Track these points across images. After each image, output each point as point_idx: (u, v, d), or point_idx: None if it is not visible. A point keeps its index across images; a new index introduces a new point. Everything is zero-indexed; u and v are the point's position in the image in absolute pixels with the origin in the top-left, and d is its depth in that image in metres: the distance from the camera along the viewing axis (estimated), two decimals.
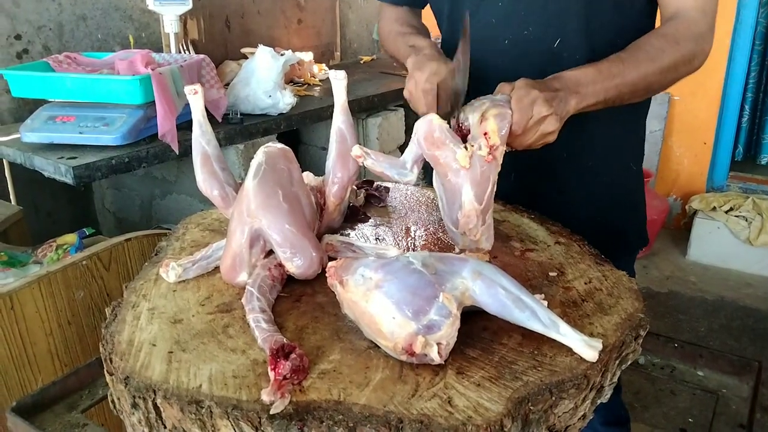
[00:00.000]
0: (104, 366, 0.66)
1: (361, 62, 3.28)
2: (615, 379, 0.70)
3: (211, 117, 1.96)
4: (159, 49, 2.26)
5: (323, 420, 0.55)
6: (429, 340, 0.57)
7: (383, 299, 0.59)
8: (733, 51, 2.88)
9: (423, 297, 0.58)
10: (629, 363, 0.70)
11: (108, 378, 0.65)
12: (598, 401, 0.67)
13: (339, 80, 0.86)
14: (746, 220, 2.79)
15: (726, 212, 2.86)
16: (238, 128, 1.98)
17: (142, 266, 0.87)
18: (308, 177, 0.91)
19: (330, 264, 0.67)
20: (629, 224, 1.15)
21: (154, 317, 0.71)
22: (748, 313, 2.52)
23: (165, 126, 1.68)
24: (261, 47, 2.12)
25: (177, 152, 1.74)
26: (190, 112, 2.05)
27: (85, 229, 1.36)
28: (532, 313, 0.63)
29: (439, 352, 0.57)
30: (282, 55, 2.19)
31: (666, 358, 0.93)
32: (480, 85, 1.03)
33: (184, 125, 1.86)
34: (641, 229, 1.17)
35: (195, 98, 0.85)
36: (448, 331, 0.58)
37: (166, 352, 0.65)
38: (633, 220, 1.16)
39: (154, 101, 1.65)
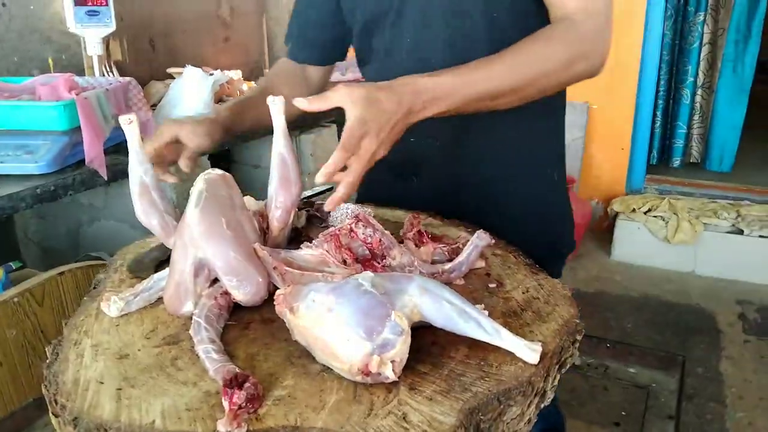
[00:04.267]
0: (49, 408, 0.64)
1: None
2: (556, 383, 0.74)
3: None
4: (81, 72, 2.19)
5: None
6: (384, 358, 0.59)
7: (337, 322, 0.60)
8: (643, 61, 3.06)
9: (375, 317, 0.60)
10: (568, 367, 0.74)
11: (54, 420, 0.63)
12: (542, 405, 0.71)
13: (276, 104, 0.87)
14: (663, 220, 2.97)
15: (645, 213, 3.03)
16: None
17: (77, 301, 0.85)
18: (249, 202, 0.91)
19: (278, 292, 0.68)
20: (555, 232, 1.18)
21: (98, 354, 0.70)
22: (670, 308, 2.68)
23: (92, 152, 1.63)
24: (189, 68, 2.10)
25: (106, 178, 1.69)
26: (118, 137, 2.00)
27: (11, 263, 1.30)
28: (477, 323, 0.65)
29: (393, 370, 0.59)
30: (211, 74, 2.17)
31: (599, 358, 0.98)
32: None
33: (111, 150, 1.81)
34: (567, 237, 1.21)
35: (130, 127, 0.84)
36: (402, 348, 0.60)
37: (115, 389, 0.64)
38: (559, 229, 1.19)
39: (79, 127, 1.60)
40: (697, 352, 2.28)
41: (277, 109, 0.88)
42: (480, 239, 0.85)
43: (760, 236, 2.81)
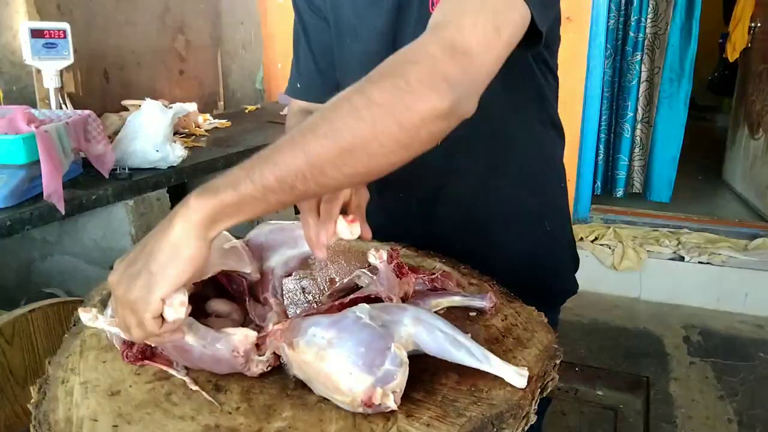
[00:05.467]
0: None
1: (246, 111, 3.29)
2: (536, 406, 0.77)
3: (97, 173, 1.89)
4: (32, 104, 2.15)
5: None
6: (386, 390, 0.61)
7: (339, 356, 0.62)
8: (586, 98, 3.22)
9: (376, 349, 0.62)
10: (549, 390, 0.77)
11: None
12: (527, 428, 0.74)
13: None
14: (609, 248, 3.10)
15: (592, 242, 3.16)
16: (126, 184, 1.92)
17: (48, 339, 0.84)
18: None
19: (275, 327, 0.69)
20: (549, 282, 1.13)
21: (88, 391, 0.69)
22: (619, 333, 2.78)
23: (51, 186, 1.59)
24: (148, 101, 2.08)
25: (63, 212, 1.66)
26: (75, 170, 1.96)
27: None
28: (468, 351, 0.68)
29: (394, 400, 0.61)
30: (170, 107, 2.16)
31: (569, 382, 1.01)
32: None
33: (68, 184, 1.77)
34: (559, 285, 1.17)
35: None
36: (402, 379, 0.62)
37: (111, 425, 0.63)
38: (554, 278, 1.15)
39: (37, 160, 1.57)
40: (647, 375, 2.37)
41: None
42: (485, 301, 0.86)
43: (700, 262, 2.97)
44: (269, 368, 0.70)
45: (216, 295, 0.81)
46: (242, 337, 0.68)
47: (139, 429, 0.63)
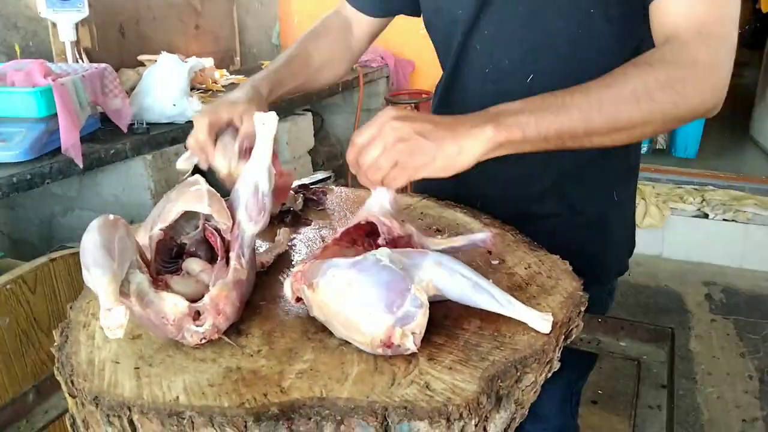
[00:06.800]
0: (65, 389, 0.63)
1: (262, 67, 3.25)
2: (559, 353, 0.76)
3: (114, 127, 1.89)
4: (49, 58, 2.14)
5: (311, 417, 0.56)
6: (405, 330, 0.60)
7: (358, 297, 0.61)
8: None
9: (396, 291, 0.61)
10: (573, 337, 0.76)
11: (71, 401, 0.63)
12: (549, 374, 0.73)
13: (267, 125, 0.73)
14: None
15: None
16: (144, 138, 1.91)
17: (70, 287, 0.84)
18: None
19: (296, 269, 0.68)
20: (604, 253, 1.08)
21: None
22: (639, 290, 2.76)
23: (69, 140, 1.59)
24: (164, 54, 2.06)
25: (81, 166, 1.66)
26: (93, 124, 1.95)
27: None
28: (490, 296, 0.67)
29: (414, 341, 0.60)
30: (186, 62, 2.14)
31: (591, 333, 1.00)
32: (462, 109, 1.01)
33: (86, 138, 1.77)
34: (617, 259, 1.12)
35: (265, 129, 0.73)
36: (422, 321, 0.61)
37: (132, 368, 0.63)
38: (608, 250, 1.09)
39: (55, 114, 1.56)
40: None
41: (267, 130, 0.74)
42: (484, 236, 0.79)
43: (724, 220, 2.91)
44: (203, 341, 0.65)
45: (205, 253, 0.74)
46: (171, 304, 0.63)
47: (160, 371, 0.63)
